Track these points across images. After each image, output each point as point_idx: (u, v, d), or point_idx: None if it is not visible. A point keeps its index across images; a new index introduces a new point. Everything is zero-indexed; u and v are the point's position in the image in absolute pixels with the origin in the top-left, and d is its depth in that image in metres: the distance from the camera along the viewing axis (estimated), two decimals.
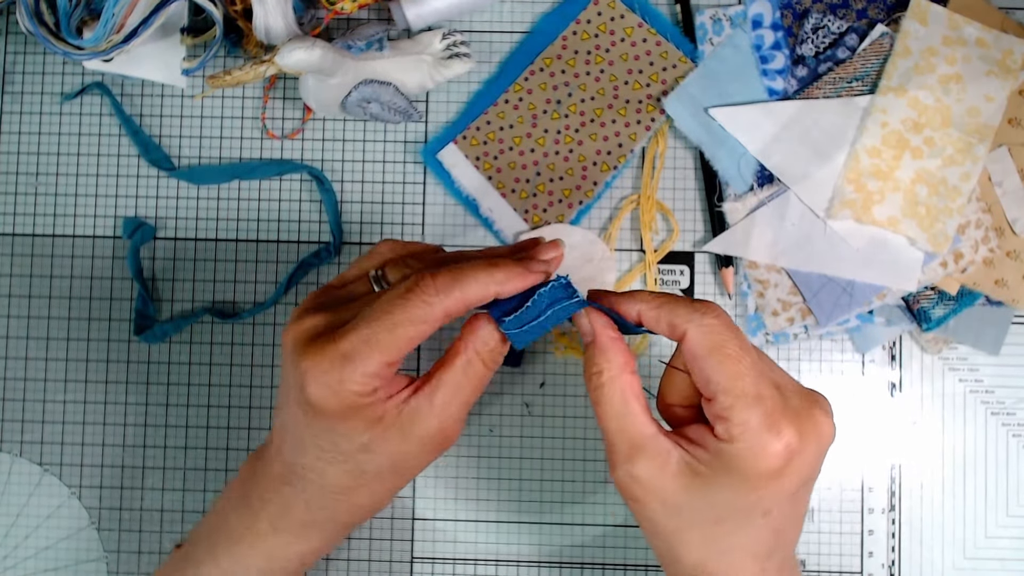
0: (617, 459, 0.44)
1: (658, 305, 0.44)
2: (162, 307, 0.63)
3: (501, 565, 0.62)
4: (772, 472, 0.42)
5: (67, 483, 0.63)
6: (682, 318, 0.43)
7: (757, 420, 0.41)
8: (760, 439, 0.41)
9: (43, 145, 0.64)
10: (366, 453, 0.44)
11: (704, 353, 0.42)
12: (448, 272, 0.43)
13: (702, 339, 0.42)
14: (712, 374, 0.42)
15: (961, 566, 0.61)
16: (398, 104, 0.60)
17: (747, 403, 0.41)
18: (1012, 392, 0.62)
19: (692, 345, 0.43)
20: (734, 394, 0.41)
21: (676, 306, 0.43)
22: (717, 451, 0.42)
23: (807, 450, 0.43)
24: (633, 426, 0.43)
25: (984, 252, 0.60)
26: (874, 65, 0.61)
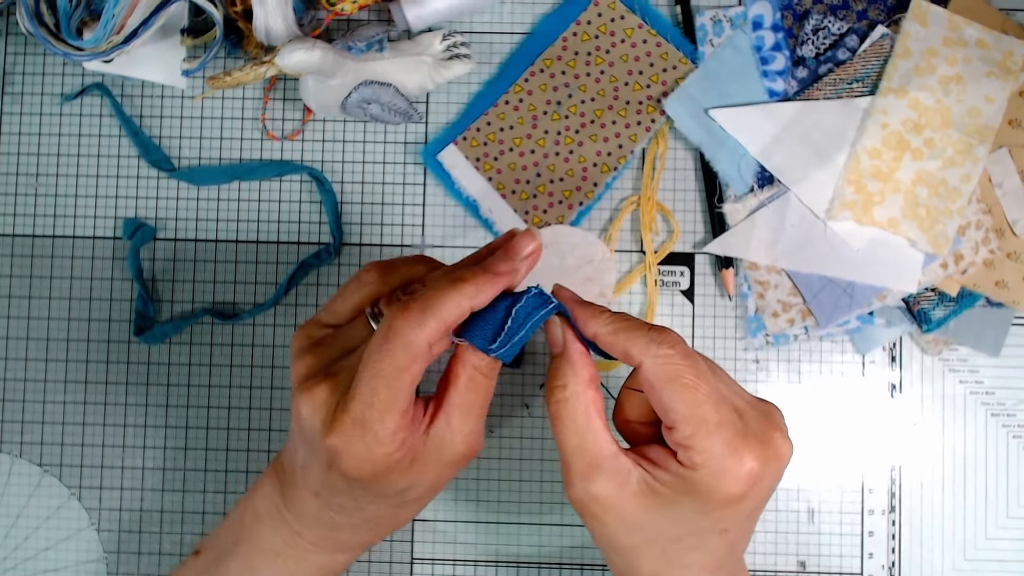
0: (573, 477, 0.44)
1: (614, 331, 0.44)
2: (162, 308, 0.63)
3: (501, 565, 0.62)
4: (734, 497, 0.42)
5: (67, 484, 0.63)
6: (638, 349, 0.43)
7: (719, 448, 0.42)
8: (723, 466, 0.42)
9: (43, 146, 0.64)
10: (407, 492, 0.45)
11: (661, 384, 0.42)
12: (418, 303, 0.42)
13: (658, 370, 0.42)
14: (670, 404, 0.42)
15: (961, 567, 0.61)
16: (398, 105, 0.60)
17: (708, 431, 0.42)
18: (1012, 393, 0.62)
19: (648, 376, 0.43)
20: (694, 423, 0.42)
21: (632, 333, 0.43)
22: (679, 475, 0.42)
23: (768, 474, 0.43)
24: (594, 444, 0.43)
25: (984, 253, 0.60)
26: (874, 66, 0.61)
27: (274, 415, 0.63)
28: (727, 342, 0.62)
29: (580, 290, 0.61)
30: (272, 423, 0.63)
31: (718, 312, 0.62)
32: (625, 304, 0.63)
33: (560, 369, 0.44)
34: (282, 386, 0.63)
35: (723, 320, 0.62)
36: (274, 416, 0.63)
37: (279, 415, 0.63)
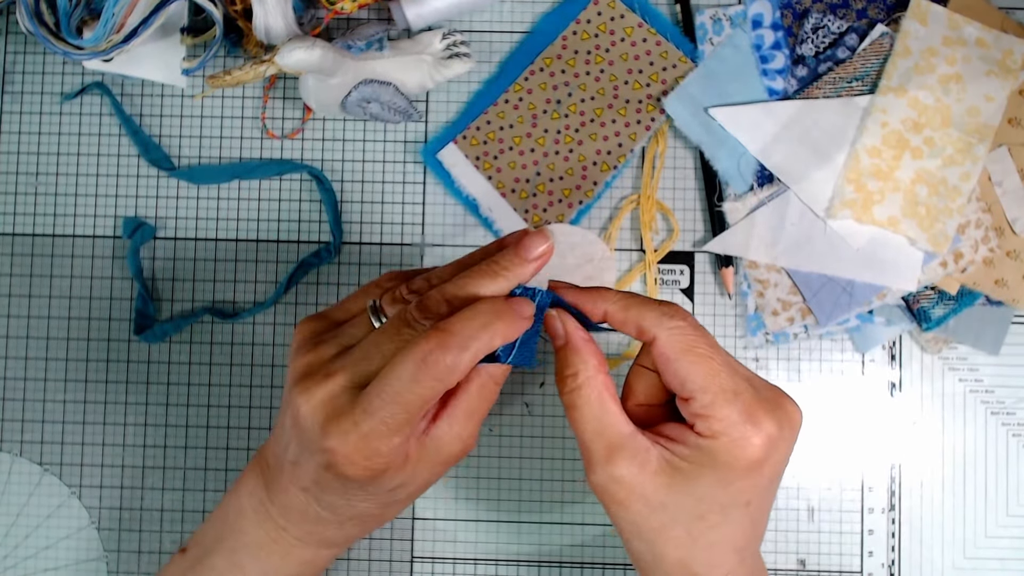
0: (595, 462, 0.44)
1: (625, 307, 0.44)
2: (162, 307, 0.63)
3: (501, 565, 0.62)
4: (754, 463, 0.43)
5: (67, 483, 0.63)
6: (651, 322, 0.43)
7: (737, 415, 0.42)
8: (742, 432, 0.42)
9: (43, 145, 0.64)
10: (399, 490, 0.45)
11: (676, 356, 0.43)
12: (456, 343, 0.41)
13: (673, 342, 0.43)
14: (687, 375, 0.43)
15: (961, 566, 0.61)
16: (398, 104, 0.60)
17: (726, 399, 0.42)
18: (1012, 392, 0.62)
19: (664, 348, 0.43)
20: (712, 391, 0.42)
21: (643, 309, 0.44)
22: (698, 447, 0.43)
23: (784, 438, 0.44)
24: (612, 427, 0.44)
25: (984, 252, 0.60)
26: (874, 65, 0.61)
27: (274, 414, 0.63)
28: (727, 340, 0.62)
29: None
30: (272, 422, 0.63)
31: (718, 311, 0.62)
32: None
33: (568, 359, 0.45)
34: (282, 385, 0.63)
35: (723, 319, 0.62)
36: (274, 415, 0.63)
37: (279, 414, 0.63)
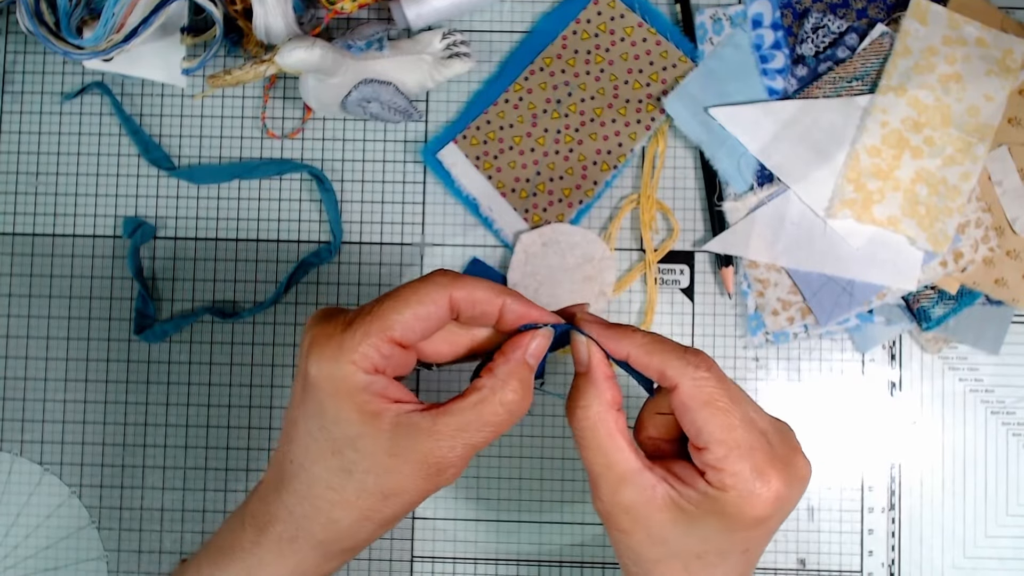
0: (604, 490, 0.44)
1: (648, 351, 0.44)
2: (162, 306, 0.63)
3: (501, 564, 0.62)
4: (761, 520, 0.43)
5: (67, 482, 0.63)
6: (675, 369, 0.43)
7: (749, 470, 0.42)
8: (752, 489, 0.42)
9: (43, 144, 0.64)
10: (354, 451, 0.42)
11: (697, 406, 0.43)
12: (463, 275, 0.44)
13: (695, 392, 0.43)
14: (704, 426, 0.43)
15: (961, 565, 0.61)
16: (398, 104, 0.60)
17: (740, 454, 0.42)
18: (1012, 391, 0.62)
19: (684, 397, 0.43)
20: (727, 446, 0.42)
21: (667, 355, 0.44)
22: (706, 495, 0.43)
23: (792, 496, 0.44)
24: (620, 462, 0.44)
25: (984, 251, 0.60)
26: (874, 64, 0.61)
27: (274, 413, 0.63)
28: (727, 340, 0.62)
29: (580, 288, 0.61)
30: (272, 421, 0.63)
31: (718, 310, 0.62)
32: (625, 302, 0.63)
33: (584, 390, 0.44)
34: (282, 384, 0.63)
35: (723, 318, 0.62)
36: (274, 414, 0.63)
37: (279, 413, 0.63)
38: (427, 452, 0.42)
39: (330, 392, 0.42)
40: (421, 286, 0.43)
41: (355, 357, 0.42)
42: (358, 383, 0.42)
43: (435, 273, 0.44)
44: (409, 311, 0.42)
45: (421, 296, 0.42)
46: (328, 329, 0.42)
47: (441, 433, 0.42)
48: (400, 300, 0.42)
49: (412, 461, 0.42)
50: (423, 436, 0.42)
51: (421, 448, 0.42)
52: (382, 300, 0.43)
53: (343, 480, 0.43)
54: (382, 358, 0.42)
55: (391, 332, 0.42)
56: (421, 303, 0.42)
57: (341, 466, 0.43)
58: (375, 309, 0.42)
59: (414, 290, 0.43)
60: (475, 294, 0.43)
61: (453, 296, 0.43)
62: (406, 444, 0.42)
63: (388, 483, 0.43)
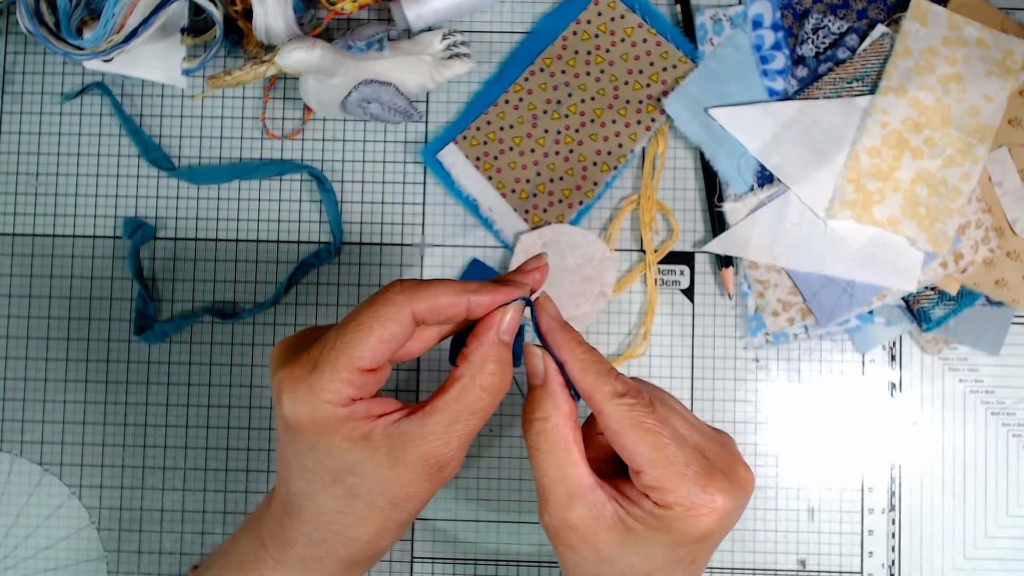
0: (552, 506, 0.44)
1: (583, 368, 0.44)
2: (162, 307, 0.63)
3: (501, 565, 0.62)
4: (706, 532, 0.43)
5: (67, 483, 0.63)
6: (601, 395, 0.43)
7: (688, 488, 0.42)
8: (694, 504, 0.42)
9: (43, 145, 0.64)
10: (354, 475, 0.43)
11: (624, 430, 0.43)
12: (418, 279, 0.43)
13: (621, 416, 0.43)
14: (635, 448, 0.43)
15: (961, 566, 0.61)
16: (398, 104, 0.60)
17: (676, 472, 0.42)
18: (1012, 392, 0.62)
19: (611, 422, 0.43)
20: (662, 465, 0.42)
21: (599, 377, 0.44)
22: (652, 514, 0.43)
23: (736, 507, 0.44)
24: (573, 476, 0.43)
25: (984, 252, 0.60)
26: (874, 65, 0.61)
27: (274, 413, 0.63)
28: (727, 341, 0.62)
29: (580, 289, 0.61)
30: (272, 422, 0.63)
31: (718, 311, 0.62)
32: (625, 303, 0.63)
33: (541, 402, 0.44)
34: None
35: (723, 319, 0.62)
36: (274, 414, 0.63)
37: None
38: (424, 454, 0.42)
39: (314, 432, 0.42)
40: (380, 308, 0.42)
41: (329, 397, 0.41)
42: (339, 417, 0.42)
43: (391, 289, 0.42)
44: (373, 337, 0.41)
45: (382, 319, 0.42)
46: (295, 372, 0.42)
47: (433, 433, 0.42)
48: (362, 328, 0.41)
49: (412, 467, 0.42)
50: (416, 440, 0.42)
51: (417, 452, 0.42)
52: (343, 329, 0.42)
53: (351, 503, 0.43)
54: (356, 389, 0.42)
55: (359, 363, 0.41)
56: (383, 326, 0.42)
57: (346, 491, 0.43)
58: (338, 343, 0.41)
59: (373, 314, 0.42)
60: (437, 302, 0.42)
61: (415, 311, 0.42)
62: (402, 453, 0.42)
63: (395, 493, 0.43)
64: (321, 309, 0.63)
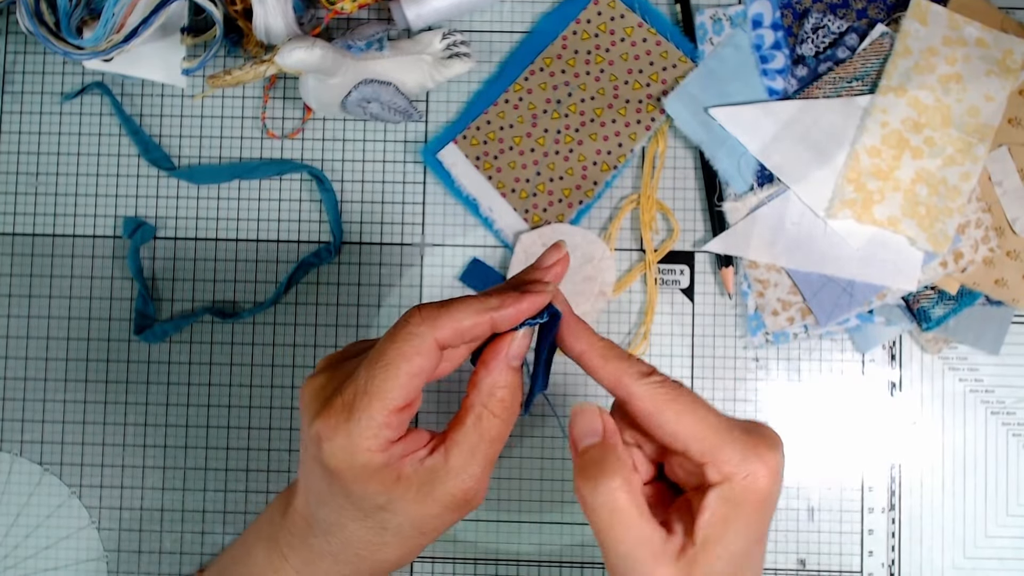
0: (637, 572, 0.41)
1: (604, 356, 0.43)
2: (162, 307, 0.63)
3: (501, 565, 0.62)
4: (768, 494, 0.42)
5: (67, 482, 0.63)
6: (630, 377, 0.42)
7: (739, 452, 0.41)
8: (750, 467, 0.41)
9: (43, 145, 0.64)
10: (386, 512, 0.43)
11: (660, 408, 0.41)
12: (437, 303, 0.42)
13: (655, 395, 0.42)
14: (677, 425, 0.41)
15: (961, 565, 0.61)
16: (398, 104, 0.60)
17: (723, 439, 0.41)
18: (1012, 391, 0.62)
19: (647, 403, 0.42)
20: (709, 436, 0.41)
21: (622, 363, 0.42)
22: (719, 498, 0.41)
23: (781, 463, 0.43)
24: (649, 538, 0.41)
25: (984, 252, 0.60)
26: (874, 65, 0.61)
27: (274, 413, 0.63)
28: (727, 340, 0.62)
29: (580, 289, 0.61)
30: (272, 421, 0.63)
31: (718, 311, 0.62)
32: (625, 303, 0.63)
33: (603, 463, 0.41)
34: (282, 384, 0.63)
35: (723, 318, 0.62)
36: (274, 414, 0.63)
37: (279, 413, 0.63)
38: (451, 490, 0.42)
39: (351, 478, 0.42)
40: (404, 343, 0.41)
41: (367, 445, 0.41)
42: (376, 464, 0.42)
43: (412, 320, 0.41)
44: (401, 375, 0.41)
45: (407, 355, 0.41)
46: (331, 420, 0.41)
47: (456, 468, 0.42)
48: (390, 368, 0.41)
49: (440, 502, 0.42)
50: (443, 477, 0.42)
51: (444, 489, 0.42)
52: (372, 371, 0.41)
53: (380, 534, 0.44)
54: (393, 431, 0.42)
55: (393, 404, 0.41)
56: (410, 361, 0.41)
57: (376, 524, 0.43)
58: (369, 387, 0.41)
59: (398, 351, 0.41)
60: (461, 325, 0.42)
61: (438, 338, 0.41)
62: (430, 490, 0.42)
63: (423, 525, 0.43)
64: (321, 309, 0.63)
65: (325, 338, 0.63)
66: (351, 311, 0.63)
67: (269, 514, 0.48)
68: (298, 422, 0.63)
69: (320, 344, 0.63)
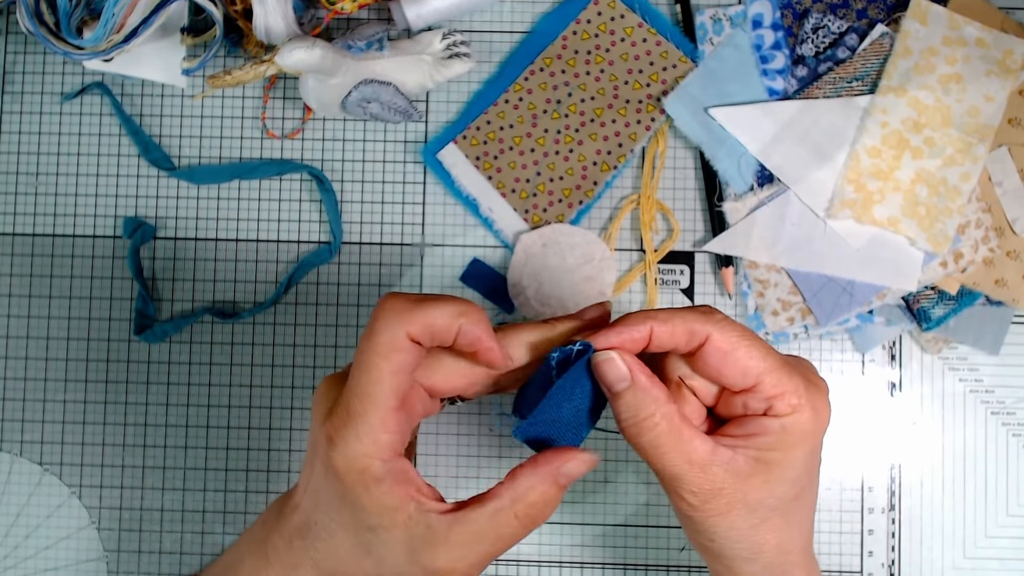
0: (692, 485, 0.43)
1: (667, 320, 0.43)
2: (162, 307, 0.63)
3: (501, 565, 0.62)
4: (826, 424, 0.44)
5: (67, 483, 0.63)
6: (699, 323, 0.43)
7: (801, 382, 0.43)
8: (812, 397, 0.43)
9: (43, 145, 0.64)
10: (371, 535, 0.42)
11: (733, 347, 0.43)
12: (408, 296, 0.42)
13: (726, 336, 0.43)
14: (749, 361, 0.43)
15: (961, 566, 0.61)
16: (398, 104, 0.60)
17: (788, 372, 0.43)
18: (1012, 392, 0.62)
19: (720, 343, 0.43)
20: (776, 370, 0.43)
21: (685, 315, 0.43)
22: (783, 428, 0.43)
23: (828, 389, 0.46)
24: (697, 452, 0.43)
25: (984, 252, 0.60)
26: (874, 65, 0.61)
27: (274, 413, 0.63)
28: None
29: (580, 289, 0.61)
30: (272, 421, 0.63)
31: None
32: (625, 303, 0.63)
33: (638, 403, 0.42)
34: (282, 384, 0.63)
35: None
36: (274, 415, 0.63)
37: (279, 413, 0.63)
38: (436, 558, 0.41)
39: (350, 482, 0.42)
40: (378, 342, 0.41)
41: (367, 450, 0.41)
42: (375, 472, 0.41)
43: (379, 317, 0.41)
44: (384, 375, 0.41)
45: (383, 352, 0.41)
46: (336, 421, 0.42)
47: (454, 543, 0.41)
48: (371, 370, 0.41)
49: (422, 563, 0.42)
50: (437, 543, 0.41)
51: (432, 554, 0.41)
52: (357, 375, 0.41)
53: (364, 554, 0.43)
54: (391, 434, 0.42)
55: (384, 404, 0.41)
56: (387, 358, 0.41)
57: (361, 543, 0.43)
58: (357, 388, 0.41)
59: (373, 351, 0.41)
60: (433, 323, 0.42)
61: (409, 332, 0.41)
62: (418, 546, 0.42)
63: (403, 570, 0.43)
64: (321, 309, 0.63)
65: (325, 338, 0.63)
66: (351, 311, 0.63)
67: (264, 517, 0.48)
68: (298, 422, 0.63)
69: (320, 344, 0.63)
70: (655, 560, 0.61)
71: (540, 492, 0.42)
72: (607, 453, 0.62)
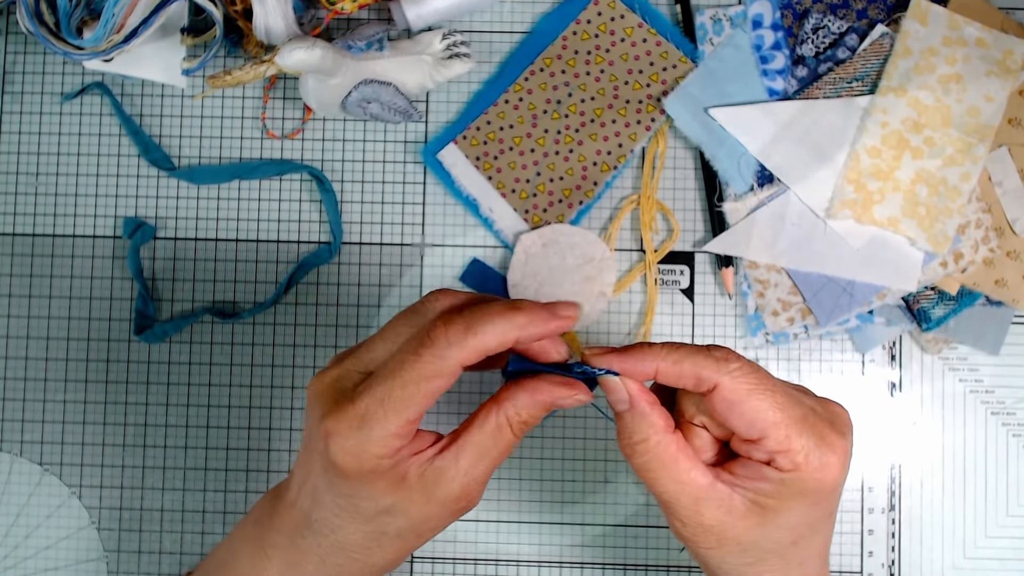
0: (681, 515, 0.43)
1: (677, 361, 0.43)
2: (162, 307, 0.63)
3: (501, 565, 0.62)
4: (838, 481, 0.43)
5: (67, 483, 0.63)
6: (709, 370, 0.42)
7: (812, 442, 0.42)
8: (821, 457, 0.42)
9: (43, 145, 0.64)
10: (388, 515, 0.43)
11: (742, 398, 0.42)
12: (463, 320, 0.42)
13: (736, 386, 0.42)
14: (757, 415, 0.42)
15: (961, 566, 0.61)
16: (398, 104, 0.60)
17: (799, 430, 0.42)
18: (1012, 392, 0.62)
19: (727, 393, 0.42)
20: (784, 426, 0.42)
21: (696, 358, 0.43)
22: (783, 482, 0.42)
23: (850, 445, 0.45)
24: (691, 481, 0.43)
25: (984, 252, 0.60)
26: (874, 65, 0.61)
27: (274, 413, 0.63)
28: (727, 341, 0.62)
29: (580, 289, 0.61)
30: (272, 422, 0.63)
31: (718, 311, 0.62)
32: (625, 303, 0.63)
33: (634, 425, 0.43)
34: (282, 385, 0.63)
35: (723, 319, 0.62)
36: (274, 415, 0.63)
37: (279, 413, 0.63)
38: (456, 491, 0.43)
39: (357, 479, 0.42)
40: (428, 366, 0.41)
41: (377, 452, 0.42)
42: (385, 467, 0.42)
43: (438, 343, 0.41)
44: (420, 395, 0.41)
45: (429, 376, 0.41)
46: (344, 423, 0.42)
47: (463, 468, 0.43)
48: (409, 387, 0.41)
49: (443, 503, 0.43)
50: (450, 479, 0.43)
51: (450, 489, 0.43)
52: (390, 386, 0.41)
53: (378, 538, 0.44)
54: (404, 440, 0.42)
55: (408, 418, 0.41)
56: (430, 382, 0.41)
57: (376, 529, 0.44)
58: (386, 401, 0.41)
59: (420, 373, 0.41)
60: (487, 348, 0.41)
61: (462, 360, 0.41)
62: (435, 491, 0.43)
63: (422, 526, 0.44)
64: (321, 309, 0.63)
65: (325, 338, 0.63)
66: (351, 311, 0.63)
67: (255, 515, 0.48)
68: (299, 422, 0.63)
69: (320, 344, 0.63)
70: (655, 560, 0.62)
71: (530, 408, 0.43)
72: (607, 453, 0.62)
